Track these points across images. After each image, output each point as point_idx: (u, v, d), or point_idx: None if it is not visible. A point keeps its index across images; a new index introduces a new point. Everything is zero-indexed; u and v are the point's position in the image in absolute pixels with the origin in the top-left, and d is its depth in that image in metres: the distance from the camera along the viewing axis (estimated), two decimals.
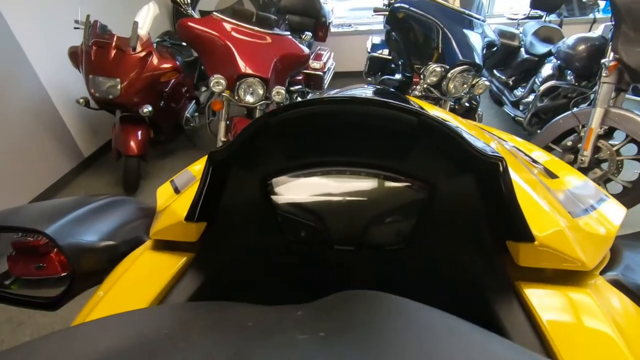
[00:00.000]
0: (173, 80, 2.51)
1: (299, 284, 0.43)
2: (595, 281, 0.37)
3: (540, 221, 0.38)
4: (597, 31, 2.20)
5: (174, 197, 0.53)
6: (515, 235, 0.36)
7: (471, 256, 0.38)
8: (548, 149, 2.16)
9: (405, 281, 0.41)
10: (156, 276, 0.39)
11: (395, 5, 1.90)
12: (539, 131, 2.23)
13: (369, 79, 3.01)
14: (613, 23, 1.78)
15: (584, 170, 2.02)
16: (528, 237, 0.34)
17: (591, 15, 3.31)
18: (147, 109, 2.26)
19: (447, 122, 0.34)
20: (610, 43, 1.81)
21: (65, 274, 0.49)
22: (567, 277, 0.37)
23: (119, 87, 2.16)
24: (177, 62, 2.48)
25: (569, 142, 2.06)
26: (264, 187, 0.41)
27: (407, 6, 1.86)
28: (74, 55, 2.32)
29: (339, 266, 0.41)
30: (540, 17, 3.19)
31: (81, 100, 2.33)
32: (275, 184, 0.40)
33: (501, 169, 0.33)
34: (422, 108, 0.68)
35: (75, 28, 2.25)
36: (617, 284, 0.37)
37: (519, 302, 0.34)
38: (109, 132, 2.51)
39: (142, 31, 2.17)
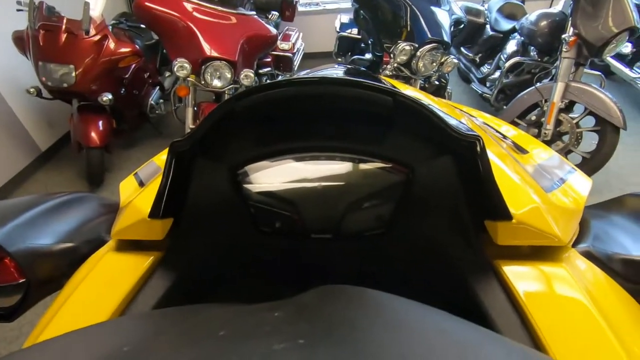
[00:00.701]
0: (133, 65, 2.37)
1: (276, 278, 0.42)
2: (568, 254, 0.38)
3: (516, 198, 0.38)
4: (558, 7, 2.26)
5: (138, 191, 0.50)
6: (494, 215, 0.36)
7: (451, 238, 0.38)
8: (514, 124, 2.23)
9: (387, 269, 0.41)
10: (120, 280, 0.37)
11: None
12: (505, 107, 2.30)
13: (339, 59, 2.97)
14: None
15: (548, 143, 2.11)
16: (506, 215, 0.34)
17: None
18: (107, 97, 2.13)
19: (422, 102, 0.33)
20: (570, 18, 1.86)
21: (22, 280, 0.45)
22: (542, 252, 0.38)
23: (73, 74, 2.01)
24: (137, 46, 2.34)
25: (533, 116, 2.13)
26: (233, 178, 0.38)
27: None
28: (20, 40, 2.12)
29: (317, 257, 0.40)
30: None
31: (32, 90, 2.16)
32: (246, 173, 0.38)
33: (478, 148, 0.33)
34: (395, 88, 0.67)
35: (18, 10, 2.05)
36: (588, 255, 0.39)
37: (498, 280, 0.35)
38: (67, 123, 2.35)
39: (95, 12, 2.02)
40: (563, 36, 1.92)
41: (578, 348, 0.28)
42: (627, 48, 2.81)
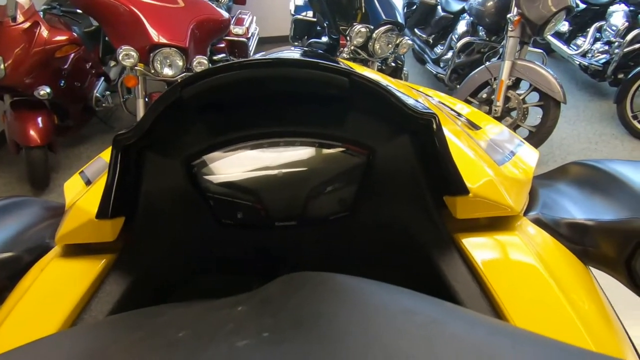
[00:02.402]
0: (72, 55, 2.17)
1: (244, 271, 0.41)
2: (520, 223, 0.41)
3: (471, 173, 0.40)
4: None
5: (85, 190, 0.46)
6: (452, 190, 0.37)
7: (413, 215, 0.39)
8: (467, 102, 2.33)
9: (353, 251, 0.41)
10: (68, 288, 0.34)
11: None
12: (458, 86, 2.39)
13: (296, 43, 2.92)
14: None
15: (498, 119, 2.23)
16: (463, 190, 0.36)
17: None
18: (44, 90, 1.94)
19: (378, 82, 0.33)
20: None
21: None
22: (497, 222, 0.40)
23: (2, 66, 1.82)
24: (74, 34, 2.15)
25: (484, 94, 2.24)
26: (188, 170, 0.36)
27: None
28: None
29: (284, 245, 0.40)
30: None
31: None
32: (201, 165, 0.36)
33: (435, 125, 0.34)
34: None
35: None
36: (538, 222, 0.42)
37: (459, 253, 0.36)
38: (1, 120, 2.13)
39: None
40: (508, 16, 2.01)
41: (532, 310, 0.30)
42: (564, 26, 3.02)
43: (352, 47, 1.93)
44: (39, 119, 2.04)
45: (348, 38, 1.91)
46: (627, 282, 0.36)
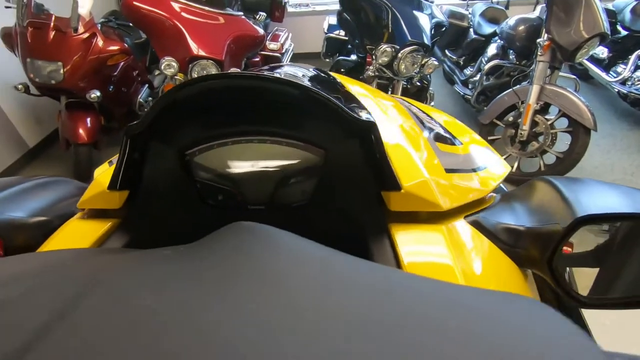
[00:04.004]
0: (122, 63, 2.40)
1: None
2: (455, 222, 0.45)
3: (410, 173, 0.46)
4: (536, 12, 2.34)
5: (105, 170, 0.56)
6: (387, 186, 0.43)
7: (359, 207, 0.45)
8: (493, 124, 2.32)
9: (311, 234, 0.47)
10: (79, 240, 0.42)
11: None
12: (485, 108, 2.38)
13: (327, 60, 3.03)
14: (546, 4, 1.91)
15: (524, 143, 2.20)
16: (395, 186, 0.42)
17: None
18: (95, 94, 2.15)
19: (326, 94, 0.39)
20: (545, 24, 1.95)
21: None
22: (431, 219, 0.44)
23: (61, 71, 2.04)
24: (126, 44, 2.37)
25: (510, 117, 2.21)
26: (181, 158, 0.44)
27: None
28: (8, 37, 2.14)
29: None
30: None
31: (20, 87, 2.18)
32: (193, 154, 0.44)
33: (373, 132, 0.39)
34: (341, 82, 0.74)
35: (7, 7, 2.07)
36: (476, 224, 0.46)
37: (389, 240, 0.41)
38: (55, 119, 2.37)
39: (83, 10, 2.04)
40: (538, 40, 2.01)
41: None
42: (603, 53, 2.93)
43: (378, 66, 1.99)
44: (88, 120, 2.26)
45: (374, 57, 1.97)
46: (552, 281, 0.39)
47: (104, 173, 0.49)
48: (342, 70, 2.33)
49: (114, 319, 0.17)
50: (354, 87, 0.75)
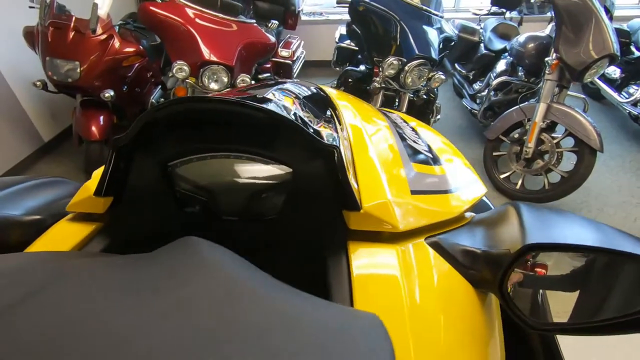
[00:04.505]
0: (137, 64, 2.47)
1: None
2: (413, 242, 0.46)
3: (373, 193, 0.48)
4: (547, 30, 2.34)
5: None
6: (347, 206, 0.45)
7: (322, 223, 0.47)
8: (499, 140, 2.31)
9: (280, 247, 0.50)
10: (64, 242, 0.46)
11: None
12: (492, 124, 2.38)
13: (337, 68, 3.07)
14: (555, 24, 1.92)
15: (529, 161, 2.19)
16: (355, 207, 0.44)
17: (549, 13, 3.48)
18: (109, 93, 2.22)
19: (290, 117, 0.42)
20: (553, 43, 1.95)
21: None
22: (392, 238, 0.46)
23: (78, 70, 2.11)
24: (141, 46, 2.44)
25: (516, 134, 2.21)
26: (163, 169, 0.47)
27: (367, 0, 1.92)
28: (30, 35, 2.23)
29: (227, 235, 0.49)
30: (502, 13, 3.33)
31: (38, 83, 2.26)
32: (174, 166, 0.47)
33: (336, 155, 0.42)
34: (330, 100, 0.77)
35: (30, 7, 2.16)
36: (435, 245, 0.47)
37: (346, 256, 0.43)
38: (70, 116, 2.45)
39: (102, 11, 2.12)
40: (546, 59, 2.01)
41: (373, 307, 0.35)
42: (616, 73, 2.90)
43: (384, 78, 2.02)
44: (101, 118, 2.33)
45: (381, 69, 2.00)
46: (503, 303, 0.40)
47: (92, 180, 0.52)
48: (349, 80, 2.36)
49: (31, 327, 0.20)
50: (344, 105, 0.78)
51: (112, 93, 2.23)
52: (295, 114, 0.49)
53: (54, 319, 0.21)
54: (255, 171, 0.48)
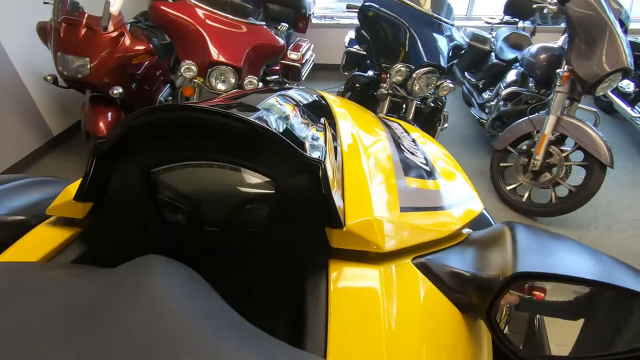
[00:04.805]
0: (147, 62, 2.49)
1: (175, 258, 0.49)
2: (399, 263, 0.44)
3: (358, 210, 0.46)
4: (559, 41, 2.31)
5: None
6: (329, 223, 0.44)
7: (304, 239, 0.46)
8: (506, 151, 2.28)
9: (260, 260, 0.48)
10: (38, 247, 0.45)
11: (365, 3, 1.94)
12: (500, 134, 2.35)
13: (345, 73, 3.06)
14: (568, 35, 1.89)
15: (536, 173, 2.15)
16: (338, 224, 0.42)
17: (562, 24, 3.43)
18: (118, 90, 2.24)
19: (272, 130, 0.41)
20: (565, 54, 1.92)
21: None
22: (377, 258, 0.44)
23: (88, 66, 2.13)
24: (152, 45, 2.46)
25: (524, 146, 2.17)
26: (145, 177, 0.47)
27: (376, 6, 1.91)
28: (43, 30, 2.27)
29: (209, 245, 0.48)
30: (515, 23, 3.29)
31: (49, 78, 2.29)
32: (156, 174, 0.46)
33: (320, 171, 0.41)
34: (329, 108, 0.75)
35: (45, 3, 2.20)
36: (422, 266, 0.45)
37: (326, 275, 0.41)
38: (79, 111, 2.48)
39: (114, 8, 2.14)
40: (557, 71, 1.98)
41: (349, 333, 0.33)
42: (630, 87, 2.84)
43: (392, 84, 2.00)
44: (109, 114, 2.35)
45: (388, 75, 1.99)
46: (490, 330, 0.38)
47: (74, 184, 0.51)
48: (357, 85, 2.35)
49: None
50: (342, 114, 0.76)
51: (120, 90, 2.25)
52: (283, 125, 0.48)
53: None
54: (238, 182, 0.46)
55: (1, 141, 2.40)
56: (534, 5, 2.07)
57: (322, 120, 0.66)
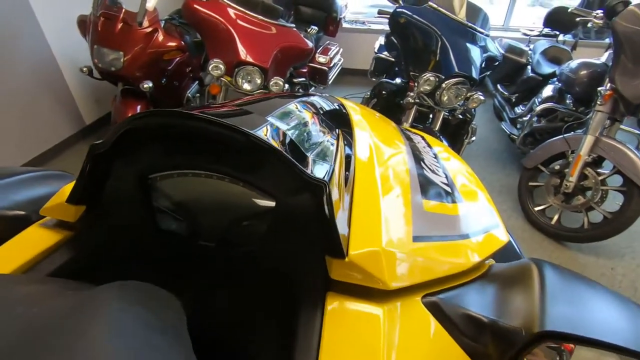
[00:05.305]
0: (177, 58, 2.54)
1: (166, 271, 0.47)
2: (406, 301, 0.40)
3: (365, 239, 0.41)
4: (603, 58, 2.17)
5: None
6: (329, 251, 0.39)
7: (302, 265, 0.42)
8: (537, 170, 2.16)
9: (254, 280, 0.45)
10: (30, 248, 0.44)
11: (397, 10, 1.90)
12: (531, 151, 2.23)
13: (373, 79, 3.02)
14: (613, 51, 1.77)
15: (568, 196, 2.03)
16: (339, 254, 0.38)
17: (607, 40, 3.25)
18: (148, 84, 2.30)
19: (275, 145, 0.37)
20: (609, 72, 1.80)
21: None
22: (379, 293, 0.39)
23: (122, 60, 2.20)
24: (184, 42, 2.51)
25: (557, 165, 2.06)
26: (142, 183, 0.45)
27: (408, 12, 1.86)
28: (82, 24, 2.36)
29: (202, 260, 0.45)
30: (555, 36, 3.14)
31: (85, 69, 2.38)
32: (154, 179, 0.44)
33: (324, 192, 0.37)
34: (348, 120, 0.71)
35: None
36: (433, 306, 0.40)
37: (322, 310, 0.37)
38: (110, 103, 2.56)
39: (149, 4, 2.20)
40: (599, 89, 1.86)
41: None
42: None
43: (419, 93, 1.94)
44: (138, 107, 2.41)
45: (416, 83, 1.93)
46: None
47: (70, 185, 0.50)
48: (383, 92, 2.30)
49: None
50: (362, 125, 0.72)
51: (150, 84, 2.31)
52: (290, 137, 0.45)
53: None
54: (238, 196, 0.44)
55: (39, 126, 2.51)
56: (578, 19, 1.95)
57: (336, 131, 0.62)
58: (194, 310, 0.29)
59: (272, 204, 0.43)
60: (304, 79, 3.08)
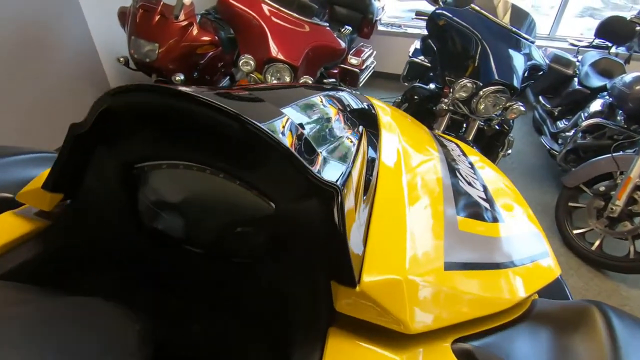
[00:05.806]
0: (210, 53, 2.57)
1: (140, 276, 0.42)
2: (431, 347, 0.31)
3: (383, 264, 0.33)
4: None
5: None
6: (338, 277, 0.31)
7: (300, 291, 0.34)
8: (578, 190, 2.00)
9: (244, 300, 0.38)
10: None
11: (437, 11, 1.81)
12: (573, 169, 2.07)
13: (405, 84, 2.92)
14: None
15: (613, 221, 1.86)
16: (348, 280, 0.30)
17: None
18: (180, 77, 2.33)
19: (279, 139, 0.31)
20: None
21: None
22: (397, 337, 0.31)
23: (156, 51, 2.24)
24: (217, 37, 2.53)
25: (602, 187, 1.89)
26: (128, 171, 0.40)
27: (448, 14, 1.77)
28: (123, 15, 2.43)
29: (188, 270, 0.39)
30: (606, 47, 2.92)
31: (121, 59, 2.45)
32: (140, 169, 0.39)
33: (335, 200, 0.29)
34: (374, 116, 0.63)
35: None
36: (465, 354, 0.31)
37: (321, 350, 0.30)
38: None
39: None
40: None
41: None
42: None
43: (454, 100, 1.84)
44: None
45: (452, 90, 1.83)
46: None
47: (49, 170, 0.46)
48: (415, 97, 2.21)
49: None
50: (390, 124, 0.64)
51: (182, 77, 2.34)
52: (301, 132, 0.38)
53: None
54: (232, 196, 0.37)
55: (78, 112, 2.59)
56: (638, 27, 1.79)
57: (360, 128, 0.55)
58: (170, 331, 0.24)
59: (271, 211, 0.36)
60: (334, 79, 3.02)
